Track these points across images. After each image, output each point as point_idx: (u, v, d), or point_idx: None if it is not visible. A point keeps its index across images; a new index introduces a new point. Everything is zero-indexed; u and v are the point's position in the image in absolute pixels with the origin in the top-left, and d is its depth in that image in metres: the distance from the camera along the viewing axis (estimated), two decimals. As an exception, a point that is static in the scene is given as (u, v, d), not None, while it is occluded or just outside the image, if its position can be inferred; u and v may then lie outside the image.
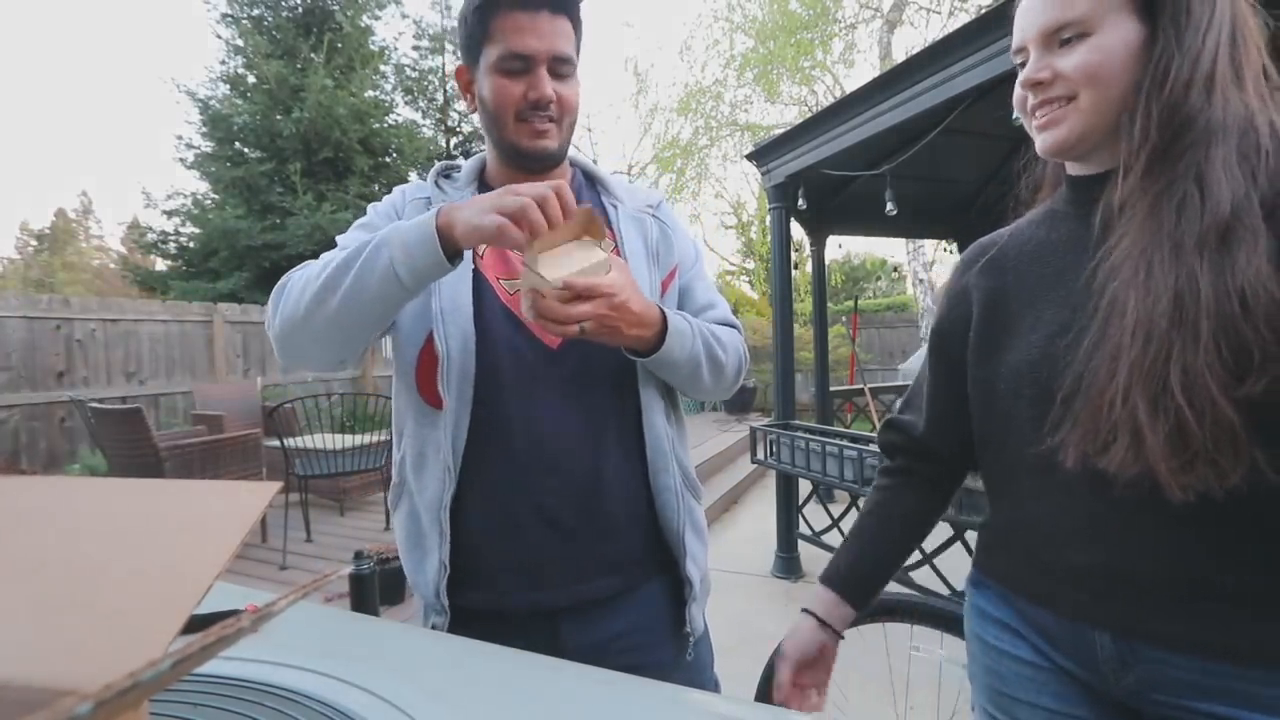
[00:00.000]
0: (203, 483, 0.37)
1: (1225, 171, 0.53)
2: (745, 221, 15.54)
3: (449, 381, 0.81)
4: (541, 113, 0.83)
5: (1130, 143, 0.58)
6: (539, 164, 0.88)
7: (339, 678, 0.56)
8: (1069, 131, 0.62)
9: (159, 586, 0.28)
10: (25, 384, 4.58)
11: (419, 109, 9.88)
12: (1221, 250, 0.51)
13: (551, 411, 0.83)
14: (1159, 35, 0.57)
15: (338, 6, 8.39)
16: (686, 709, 0.54)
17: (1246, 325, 0.49)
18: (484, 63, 0.83)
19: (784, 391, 3.58)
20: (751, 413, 8.86)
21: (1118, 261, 0.57)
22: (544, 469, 0.82)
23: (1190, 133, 0.55)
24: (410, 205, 0.92)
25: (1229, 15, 0.57)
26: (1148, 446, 0.53)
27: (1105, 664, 0.63)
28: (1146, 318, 0.53)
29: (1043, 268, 0.68)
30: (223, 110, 7.85)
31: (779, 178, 3.42)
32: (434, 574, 0.81)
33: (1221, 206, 0.52)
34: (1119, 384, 0.54)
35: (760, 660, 1.36)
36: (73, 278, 26.13)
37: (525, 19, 0.80)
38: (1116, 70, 0.58)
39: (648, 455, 0.87)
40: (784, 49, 10.92)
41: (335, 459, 3.36)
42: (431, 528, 0.82)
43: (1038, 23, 0.62)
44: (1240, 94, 0.56)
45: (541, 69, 0.81)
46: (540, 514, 0.82)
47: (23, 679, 0.22)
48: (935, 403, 0.80)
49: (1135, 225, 0.57)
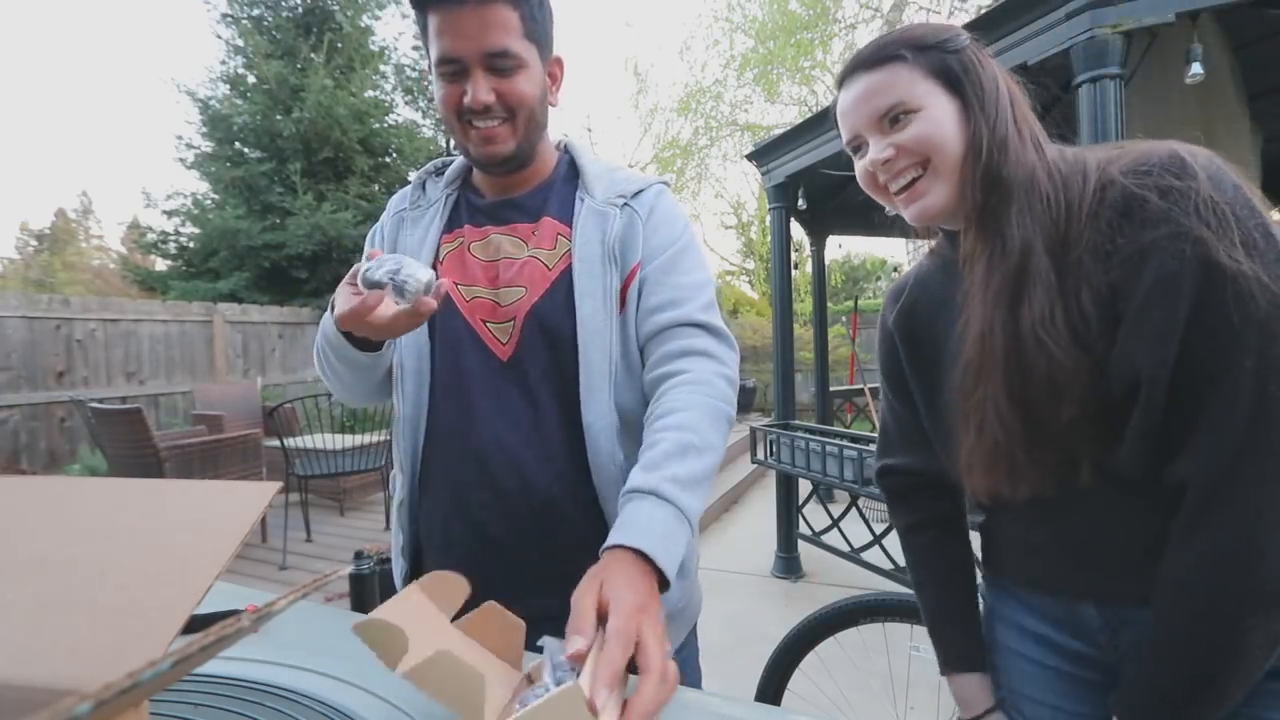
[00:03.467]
0: (203, 483, 0.37)
1: (1017, 225, 0.61)
2: (745, 221, 15.55)
3: (403, 388, 0.83)
4: (484, 118, 0.77)
5: (965, 204, 0.65)
6: (498, 169, 0.83)
7: (339, 678, 0.56)
8: (936, 199, 0.67)
9: (159, 586, 0.28)
10: (25, 384, 4.58)
11: (419, 109, 9.87)
12: (1016, 297, 0.59)
13: (495, 424, 0.79)
14: (969, 108, 0.65)
15: (338, 6, 8.38)
16: (686, 709, 0.54)
17: (1041, 360, 0.57)
18: (431, 65, 0.78)
19: (784, 391, 3.58)
20: (751, 413, 8.85)
21: (962, 315, 0.66)
22: (482, 485, 0.78)
23: (998, 191, 0.63)
24: (391, 221, 0.92)
25: (1004, 86, 0.66)
26: (975, 466, 0.64)
27: (1100, 634, 0.68)
28: (973, 359, 0.63)
29: (941, 313, 0.74)
30: (223, 110, 7.84)
31: (779, 178, 3.42)
32: (401, 566, 0.87)
33: (1011, 258, 0.60)
34: (1001, 432, 0.63)
35: (760, 660, 1.36)
36: (73, 278, 26.11)
37: (449, 17, 0.73)
38: (949, 136, 0.65)
39: (594, 476, 0.78)
40: (784, 49, 10.92)
41: (335, 459, 3.36)
42: (397, 525, 0.88)
43: (865, 112, 0.68)
44: (1023, 151, 0.64)
45: (476, 70, 0.74)
46: (477, 532, 0.79)
47: (23, 679, 0.22)
48: (917, 433, 0.82)
49: (972, 280, 0.65)
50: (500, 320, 0.81)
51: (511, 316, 0.80)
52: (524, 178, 0.86)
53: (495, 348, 0.81)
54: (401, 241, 0.88)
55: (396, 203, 0.93)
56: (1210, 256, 0.51)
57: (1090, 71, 1.87)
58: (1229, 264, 0.51)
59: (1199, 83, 2.06)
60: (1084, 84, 1.88)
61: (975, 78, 0.65)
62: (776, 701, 1.34)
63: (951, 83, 0.65)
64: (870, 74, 0.67)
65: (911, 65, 0.65)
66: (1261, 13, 1.99)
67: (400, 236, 0.88)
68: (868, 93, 0.67)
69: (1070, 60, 1.92)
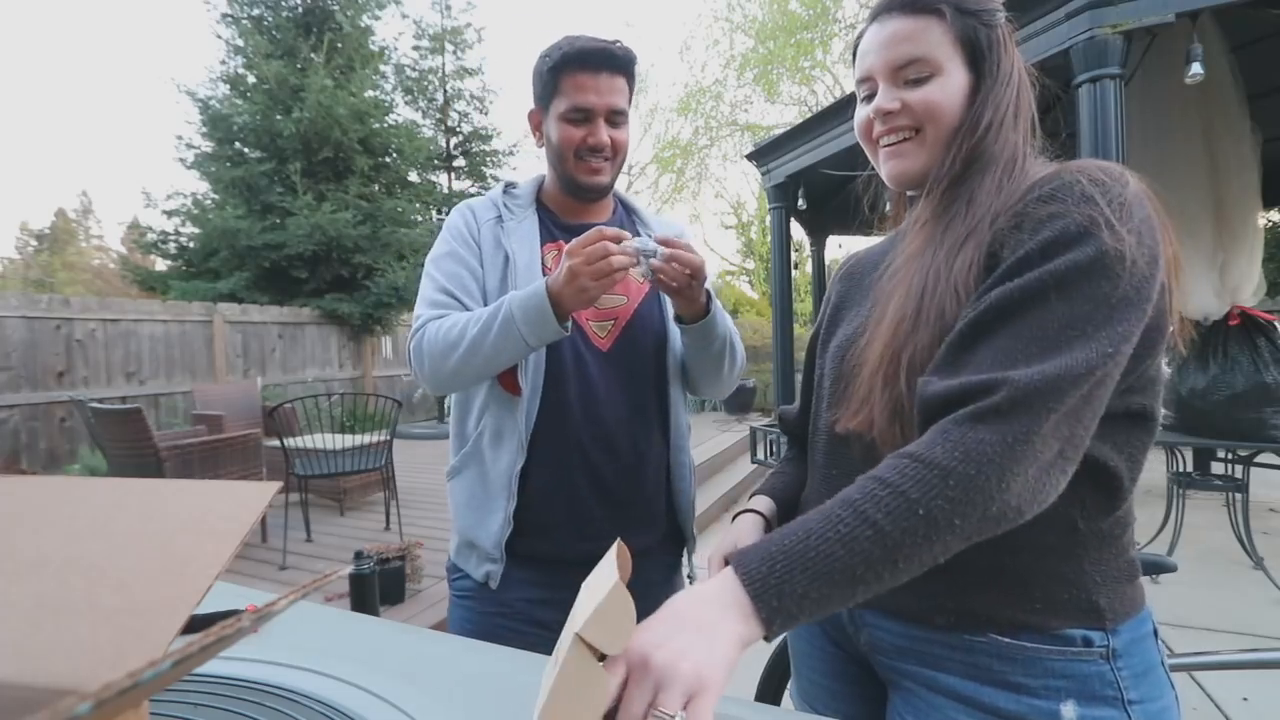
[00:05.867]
0: (203, 483, 0.37)
1: (987, 192, 0.62)
2: (745, 221, 15.55)
3: (527, 374, 0.98)
4: (597, 155, 1.02)
5: (939, 170, 0.67)
6: (592, 195, 1.07)
7: (339, 678, 0.56)
8: (914, 163, 0.69)
9: (159, 586, 0.28)
10: (25, 384, 4.58)
11: (419, 109, 9.88)
12: (960, 250, 0.60)
13: (605, 399, 1.02)
14: (981, 86, 0.66)
15: (338, 6, 8.38)
16: (686, 709, 0.54)
17: (955, 306, 0.58)
18: (553, 111, 1.01)
19: (784, 391, 3.58)
20: (751, 413, 8.86)
21: (896, 266, 0.67)
22: (600, 447, 1.01)
23: (976, 164, 0.65)
24: (485, 228, 1.06)
25: (1018, 73, 0.67)
26: (876, 414, 0.63)
27: (848, 626, 0.72)
28: (900, 312, 0.63)
29: (871, 275, 0.77)
30: (223, 110, 7.85)
31: (779, 178, 3.42)
32: (498, 528, 0.98)
33: (974, 218, 0.62)
34: (871, 367, 0.64)
35: (760, 660, 1.36)
36: (73, 278, 26.13)
37: (589, 79, 0.98)
38: (952, 111, 0.66)
39: (671, 439, 1.08)
40: (784, 49, 10.93)
41: (335, 459, 3.36)
42: (501, 491, 0.99)
43: (887, 56, 0.68)
44: (1014, 133, 0.66)
45: (600, 119, 1.00)
46: (595, 482, 1.01)
47: (23, 679, 0.22)
48: (804, 393, 0.89)
49: (917, 237, 0.66)
50: (601, 319, 1.05)
51: (612, 317, 1.06)
52: (600, 207, 1.12)
53: (596, 341, 1.04)
54: (506, 241, 1.04)
55: (486, 209, 1.08)
56: (1095, 231, 0.53)
57: (1090, 71, 1.87)
58: (1112, 245, 0.52)
59: (1199, 83, 2.06)
60: (1084, 84, 1.88)
61: (997, 57, 0.66)
62: (776, 701, 1.34)
63: (974, 57, 0.66)
64: (905, 19, 0.67)
65: (947, 26, 0.65)
66: (1261, 13, 1.99)
67: (502, 238, 1.04)
68: (895, 37, 0.67)
69: (1070, 60, 1.92)
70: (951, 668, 0.62)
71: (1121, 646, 0.59)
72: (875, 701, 0.73)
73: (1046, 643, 0.58)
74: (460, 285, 1.02)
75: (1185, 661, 1.26)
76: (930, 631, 0.63)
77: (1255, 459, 3.00)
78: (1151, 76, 2.50)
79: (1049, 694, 0.57)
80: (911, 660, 0.65)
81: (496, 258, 1.03)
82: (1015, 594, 0.60)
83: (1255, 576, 2.88)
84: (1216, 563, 3.09)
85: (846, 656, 0.76)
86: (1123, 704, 0.57)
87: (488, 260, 1.04)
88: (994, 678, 0.59)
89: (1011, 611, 0.59)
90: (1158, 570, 1.17)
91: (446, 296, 1.02)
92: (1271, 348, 2.65)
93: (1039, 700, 0.58)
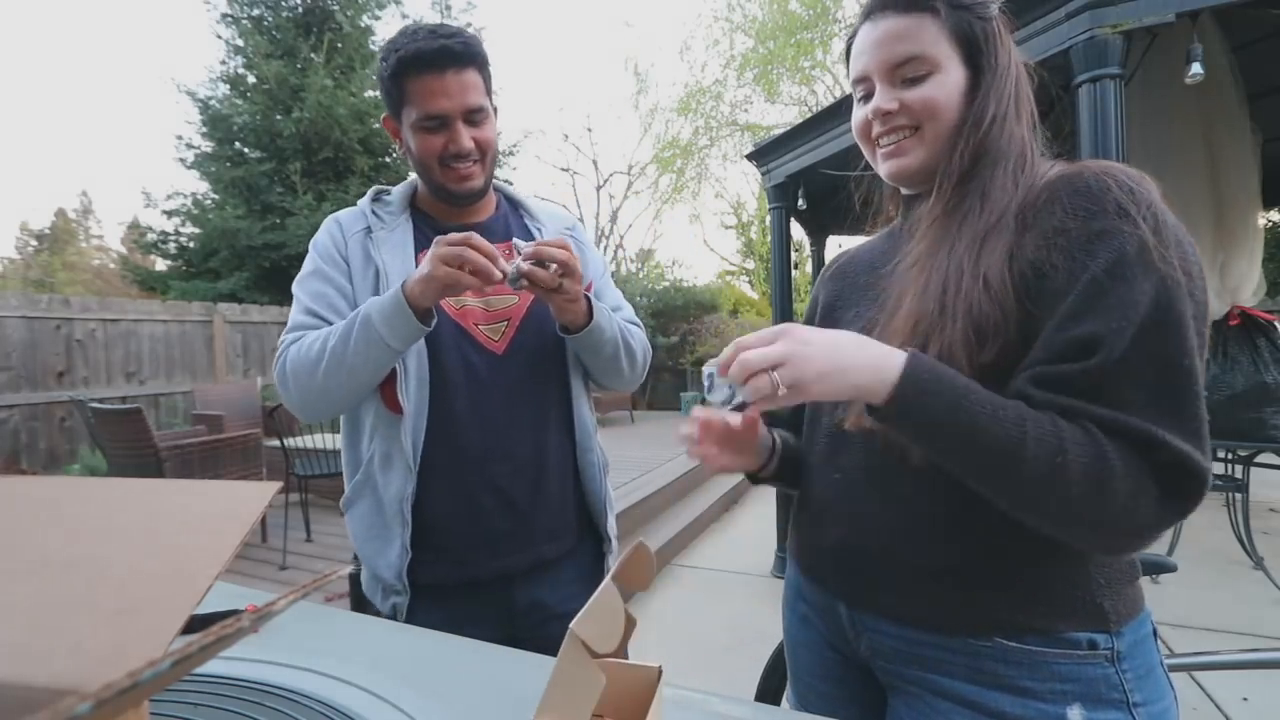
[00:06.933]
0: (203, 483, 0.37)
1: (1002, 187, 0.63)
2: (745, 221, 15.54)
3: (408, 390, 0.92)
4: (464, 160, 0.95)
5: (945, 167, 0.66)
6: (466, 201, 1.01)
7: (339, 678, 0.56)
8: (913, 160, 0.68)
9: (159, 586, 0.28)
10: (25, 384, 4.58)
11: (419, 109, 9.88)
12: (983, 245, 0.61)
13: (502, 406, 0.96)
14: (980, 82, 0.66)
15: (338, 6, 8.37)
16: (686, 708, 0.54)
17: (986, 301, 0.58)
18: (405, 120, 0.94)
19: (784, 391, 3.57)
20: (751, 413, 8.82)
21: (909, 264, 0.67)
22: (498, 457, 0.96)
23: (985, 159, 0.65)
24: (352, 241, 0.99)
25: (1015, 66, 0.67)
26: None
27: (848, 631, 0.72)
28: (917, 308, 0.63)
29: (869, 274, 0.77)
30: (223, 110, 7.84)
31: (779, 178, 3.42)
32: (396, 558, 0.93)
33: (993, 214, 0.62)
34: None
35: (760, 660, 1.36)
36: (73, 278, 26.11)
37: (434, 81, 0.90)
38: (951, 108, 0.66)
39: (576, 438, 1.03)
40: (784, 49, 10.93)
41: (335, 459, 3.36)
42: (394, 519, 0.93)
43: (882, 56, 0.67)
44: (1018, 126, 0.66)
45: (457, 122, 0.93)
46: (497, 496, 0.96)
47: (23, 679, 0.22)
48: None
49: (929, 234, 0.66)
50: (492, 322, 0.99)
51: (505, 318, 0.99)
52: (479, 208, 1.05)
53: (489, 345, 0.98)
54: (375, 253, 0.97)
55: (354, 221, 1.01)
56: (1150, 259, 0.53)
57: (1090, 71, 1.87)
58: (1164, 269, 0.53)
59: (1199, 83, 2.06)
60: (1084, 84, 1.88)
61: (994, 51, 0.66)
62: (776, 701, 1.34)
63: (970, 53, 0.66)
64: (899, 18, 0.66)
65: (941, 22, 0.65)
66: (1261, 13, 1.99)
67: (372, 250, 0.98)
68: (890, 36, 0.66)
69: (1070, 60, 1.92)
70: (955, 672, 0.62)
71: (1125, 649, 0.59)
72: (874, 708, 0.73)
73: (1052, 646, 0.58)
74: (327, 304, 0.95)
75: (1185, 661, 1.26)
76: (933, 636, 0.63)
77: (1255, 459, 3.00)
78: (1151, 76, 2.49)
79: (1055, 698, 0.57)
80: (914, 665, 0.65)
81: (367, 272, 0.96)
82: (1021, 597, 0.59)
83: (1255, 576, 2.88)
84: (1216, 563, 3.09)
85: (845, 662, 0.75)
86: (1128, 707, 0.57)
87: (357, 276, 0.96)
88: (999, 682, 0.59)
89: (1017, 615, 0.59)
90: (1158, 570, 1.17)
91: (312, 318, 0.95)
92: (1271, 348, 2.65)
93: (1044, 704, 0.57)
